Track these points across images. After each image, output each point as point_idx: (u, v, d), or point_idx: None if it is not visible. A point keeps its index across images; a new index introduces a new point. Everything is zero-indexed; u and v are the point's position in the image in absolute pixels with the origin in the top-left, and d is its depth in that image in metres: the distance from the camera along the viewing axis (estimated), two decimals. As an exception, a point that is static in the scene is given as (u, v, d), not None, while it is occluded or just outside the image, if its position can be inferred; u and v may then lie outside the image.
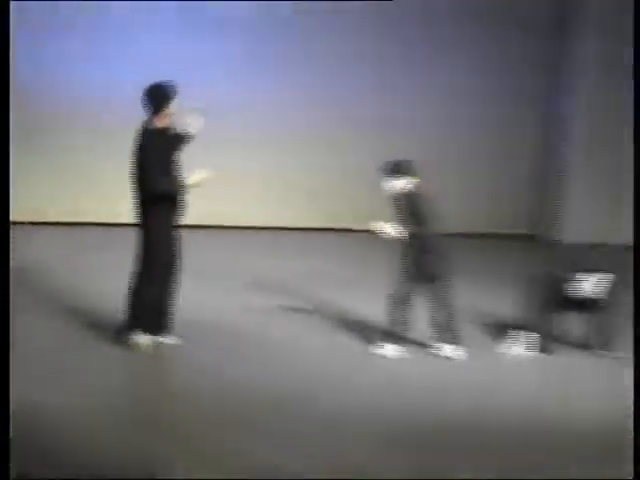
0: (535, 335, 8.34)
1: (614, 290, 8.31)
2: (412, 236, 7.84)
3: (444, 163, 13.81)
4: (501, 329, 8.88)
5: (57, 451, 5.90)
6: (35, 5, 12.61)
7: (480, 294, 10.13)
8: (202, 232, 12.28)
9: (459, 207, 13.46)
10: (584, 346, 8.51)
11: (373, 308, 8.91)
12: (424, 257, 7.87)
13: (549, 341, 8.35)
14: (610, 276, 8.32)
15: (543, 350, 8.31)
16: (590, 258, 8.82)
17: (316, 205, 13.85)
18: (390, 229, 7.88)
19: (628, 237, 13.56)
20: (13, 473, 5.31)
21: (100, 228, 13.09)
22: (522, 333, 8.38)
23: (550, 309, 8.35)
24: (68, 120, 13.16)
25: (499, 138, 14.15)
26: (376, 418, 6.83)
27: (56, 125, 13.20)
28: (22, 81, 12.38)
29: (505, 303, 9.47)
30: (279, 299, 9.81)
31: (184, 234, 8.08)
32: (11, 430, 5.33)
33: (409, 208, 7.87)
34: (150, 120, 7.64)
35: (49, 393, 6.77)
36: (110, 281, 9.25)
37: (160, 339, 7.96)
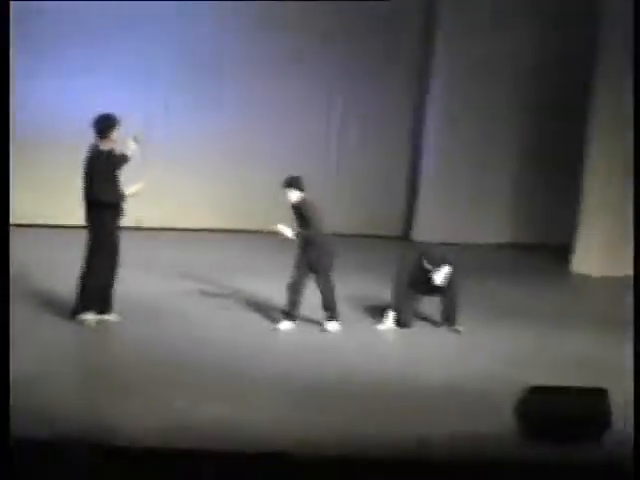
0: (400, 313, 9.72)
1: (455, 279, 9.72)
2: (304, 236, 9.37)
3: (331, 174, 14.45)
4: (374, 310, 10.17)
5: (26, 410, 6.27)
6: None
7: (360, 283, 11.23)
8: (140, 233, 12.70)
9: (343, 211, 13.85)
10: (435, 322, 9.93)
11: (276, 293, 9.89)
12: (313, 252, 9.38)
13: (410, 318, 9.79)
14: (451, 269, 9.64)
15: (405, 325, 9.78)
16: (442, 254, 9.76)
17: (233, 211, 14.29)
18: (286, 230, 9.36)
19: (485, 237, 14.26)
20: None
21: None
22: (390, 312, 9.74)
23: (410, 293, 9.72)
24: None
25: (377, 158, 14.61)
26: (277, 378, 7.95)
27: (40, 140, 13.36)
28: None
29: (379, 289, 10.48)
30: (201, 285, 10.78)
31: (125, 234, 9.32)
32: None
33: (301, 214, 9.37)
34: (97, 143, 9.09)
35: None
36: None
37: (105, 317, 9.27)
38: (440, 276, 9.74)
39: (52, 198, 13.64)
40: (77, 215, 9.47)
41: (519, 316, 10.52)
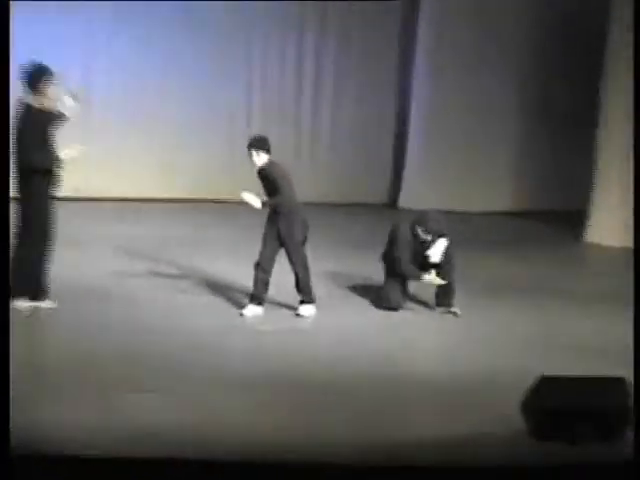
0: (389, 293, 9.53)
1: (451, 253, 9.48)
2: (272, 205, 9.02)
3: (309, 138, 14.73)
4: (360, 289, 10.12)
5: None
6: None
7: (342, 258, 11.29)
8: (78, 204, 12.79)
9: (320, 177, 14.34)
10: (426, 303, 9.74)
11: (240, 272, 9.80)
12: (283, 224, 9.04)
13: (400, 298, 9.54)
14: (448, 240, 9.45)
15: (396, 307, 9.52)
16: (438, 223, 9.61)
17: (189, 178, 14.45)
18: (253, 199, 8.99)
19: (484, 205, 14.43)
20: None
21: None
22: (380, 292, 9.60)
23: (404, 270, 9.46)
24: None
25: (360, 114, 14.87)
26: (244, 373, 7.74)
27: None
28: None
29: (364, 266, 10.62)
30: (153, 265, 10.72)
31: (60, 205, 9.01)
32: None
33: (268, 180, 9.02)
34: (27, 98, 8.70)
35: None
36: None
37: (38, 304, 8.96)
38: (437, 251, 9.45)
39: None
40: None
41: (523, 295, 10.43)
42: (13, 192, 8.83)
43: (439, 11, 14.51)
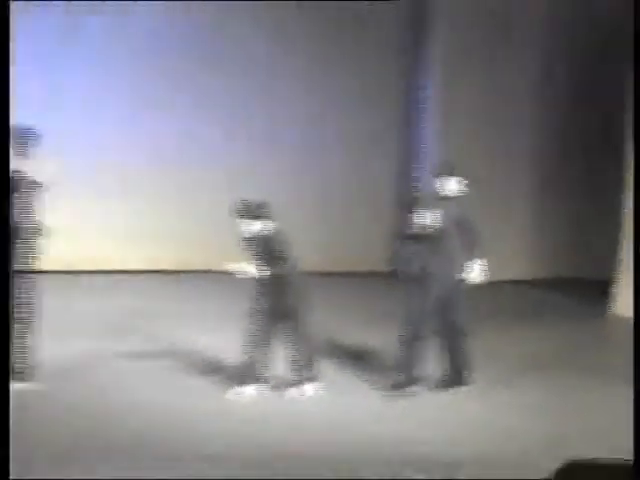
0: (402, 372, 9.21)
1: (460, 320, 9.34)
2: (270, 275, 8.85)
3: (300, 204, 14.56)
4: (364, 363, 9.98)
5: None
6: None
7: (343, 329, 11.19)
8: (54, 276, 12.43)
9: (319, 245, 14.21)
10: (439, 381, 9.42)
11: (229, 348, 9.63)
12: (282, 296, 8.89)
13: (413, 377, 9.22)
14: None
15: (409, 385, 9.18)
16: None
17: (165, 248, 14.42)
18: (250, 269, 8.85)
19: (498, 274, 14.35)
20: None
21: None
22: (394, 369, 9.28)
23: (415, 346, 9.18)
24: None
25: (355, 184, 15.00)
26: (244, 459, 7.52)
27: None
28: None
29: (370, 338, 10.62)
30: (136, 342, 10.60)
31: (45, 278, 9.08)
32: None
33: (266, 249, 8.87)
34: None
35: None
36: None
37: (24, 385, 8.76)
38: (476, 271, 9.33)
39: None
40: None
41: (547, 370, 10.33)
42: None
43: (446, 75, 14.68)
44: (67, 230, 10.25)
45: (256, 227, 8.93)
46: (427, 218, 9.20)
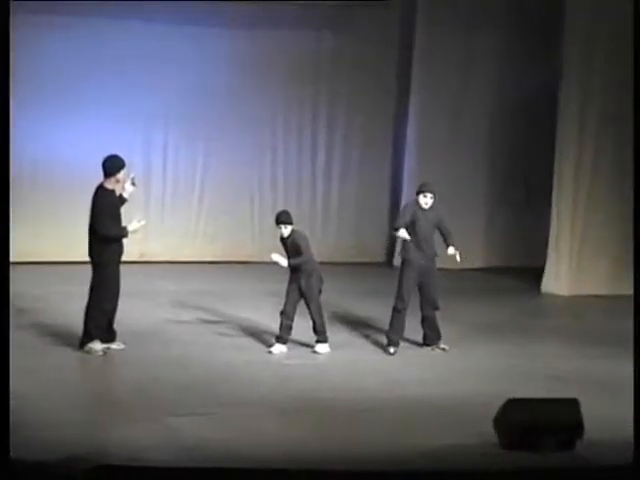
0: (390, 335, 9.34)
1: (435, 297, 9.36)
2: (296, 265, 9.18)
3: (320, 206, 14.36)
4: (364, 330, 10.06)
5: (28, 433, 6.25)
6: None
7: (349, 307, 11.10)
8: (143, 266, 12.68)
9: (329, 240, 14.05)
10: (420, 342, 9.50)
11: (269, 319, 9.78)
12: (303, 279, 9.17)
13: (398, 339, 9.42)
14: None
15: (395, 345, 9.37)
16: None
17: (228, 243, 13.96)
18: (281, 260, 9.15)
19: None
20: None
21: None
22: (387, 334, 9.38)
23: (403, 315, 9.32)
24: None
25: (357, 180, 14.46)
26: (271, 397, 7.71)
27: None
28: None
29: (366, 312, 10.69)
30: (196, 313, 10.55)
31: (128, 267, 9.24)
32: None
33: (293, 245, 9.21)
34: (104, 182, 8.91)
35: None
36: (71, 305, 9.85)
37: (110, 345, 9.04)
38: (453, 251, 9.33)
39: (50, 235, 13.26)
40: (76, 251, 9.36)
41: (495, 334, 10.27)
42: (85, 256, 8.94)
43: (427, 94, 14.04)
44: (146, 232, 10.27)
45: (287, 231, 9.25)
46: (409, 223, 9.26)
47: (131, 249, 9.38)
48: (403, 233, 9.22)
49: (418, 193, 9.42)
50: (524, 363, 9.15)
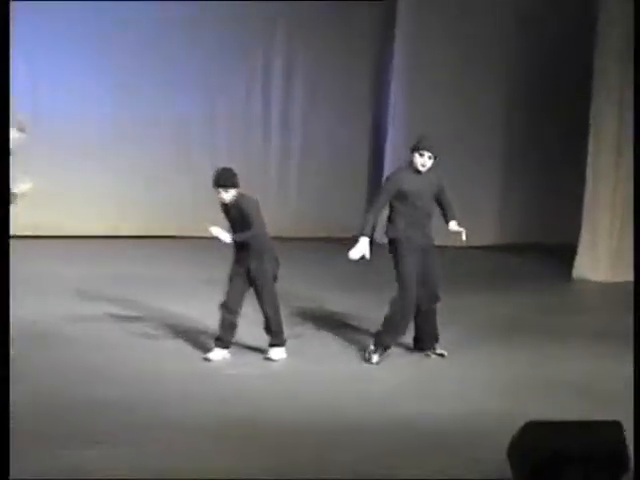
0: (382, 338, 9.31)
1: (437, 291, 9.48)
2: (242, 241, 9.03)
3: (280, 171, 14.89)
4: (339, 331, 10.13)
5: None
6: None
7: (317, 296, 11.32)
8: (27, 242, 12.75)
9: (291, 211, 14.45)
10: (414, 347, 9.62)
11: (204, 313, 9.91)
12: (253, 261, 9.06)
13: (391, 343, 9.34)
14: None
15: (382, 351, 9.29)
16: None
17: (151, 214, 14.49)
18: (222, 234, 9.01)
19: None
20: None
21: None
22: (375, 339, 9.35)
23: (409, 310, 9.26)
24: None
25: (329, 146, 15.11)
26: (208, 418, 7.72)
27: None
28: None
29: (340, 304, 10.86)
30: (112, 307, 10.69)
31: (15, 244, 8.71)
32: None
33: (239, 215, 9.04)
34: None
35: None
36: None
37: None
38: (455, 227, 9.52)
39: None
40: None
41: (514, 333, 10.46)
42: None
43: (415, 42, 14.71)
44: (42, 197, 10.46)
45: (228, 196, 9.06)
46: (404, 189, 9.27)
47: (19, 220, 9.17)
48: (361, 250, 9.20)
49: (413, 151, 9.31)
50: (547, 373, 9.24)
